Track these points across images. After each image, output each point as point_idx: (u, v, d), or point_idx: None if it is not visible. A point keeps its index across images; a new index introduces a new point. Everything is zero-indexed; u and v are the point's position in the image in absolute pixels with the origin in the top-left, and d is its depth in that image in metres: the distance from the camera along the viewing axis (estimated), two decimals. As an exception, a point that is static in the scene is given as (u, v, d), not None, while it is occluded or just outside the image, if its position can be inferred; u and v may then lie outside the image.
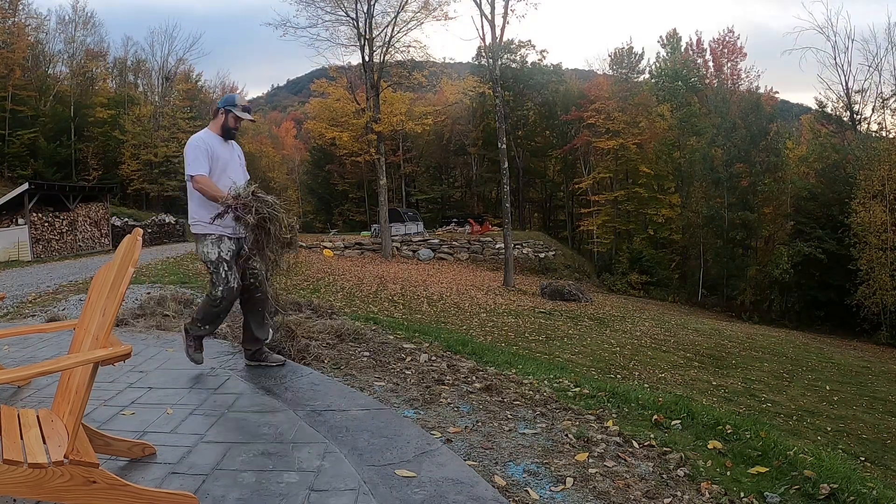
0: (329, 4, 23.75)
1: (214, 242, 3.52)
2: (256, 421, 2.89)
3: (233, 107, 3.63)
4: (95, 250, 21.08)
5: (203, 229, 3.52)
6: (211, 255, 3.51)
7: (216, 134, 3.64)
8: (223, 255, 3.51)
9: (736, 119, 31.25)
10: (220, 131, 3.64)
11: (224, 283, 3.49)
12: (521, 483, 2.39)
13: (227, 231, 3.52)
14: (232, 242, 3.56)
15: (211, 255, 3.51)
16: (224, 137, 3.66)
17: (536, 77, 40.88)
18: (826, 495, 2.53)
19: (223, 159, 3.59)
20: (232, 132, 3.67)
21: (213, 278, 3.54)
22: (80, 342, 2.13)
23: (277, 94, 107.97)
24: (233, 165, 3.67)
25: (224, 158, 3.60)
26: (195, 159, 3.46)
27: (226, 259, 3.52)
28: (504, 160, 20.78)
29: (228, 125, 3.64)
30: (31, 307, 7.27)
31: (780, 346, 16.21)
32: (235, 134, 3.73)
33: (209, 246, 3.52)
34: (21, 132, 34.21)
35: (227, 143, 3.68)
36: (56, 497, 1.77)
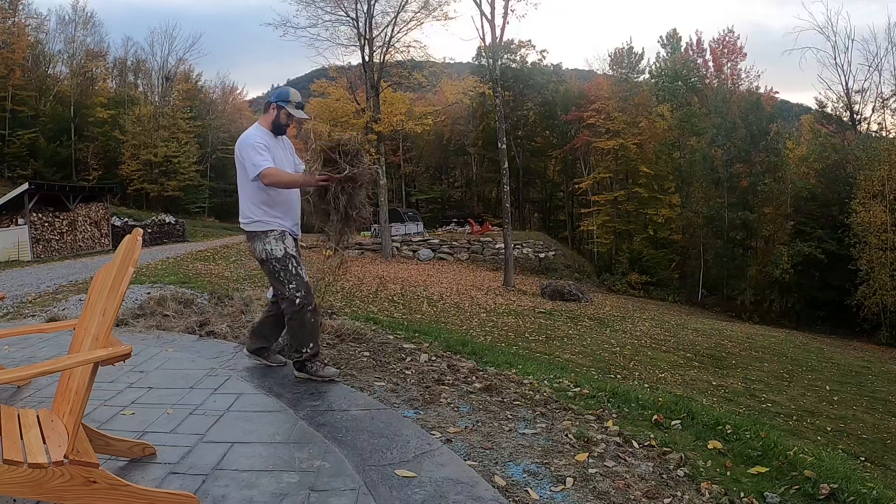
0: (329, 4, 23.75)
1: (278, 238, 3.36)
2: (256, 421, 2.89)
3: (286, 102, 3.44)
4: (95, 250, 21.09)
5: (263, 226, 3.37)
6: (276, 252, 3.34)
7: (266, 129, 3.47)
8: (289, 250, 3.36)
9: (736, 119, 31.25)
10: (270, 126, 3.47)
11: (297, 279, 3.34)
12: (521, 483, 2.39)
13: (288, 227, 3.42)
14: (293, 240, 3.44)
15: (276, 252, 3.34)
16: (274, 133, 3.49)
17: (536, 77, 40.90)
18: (826, 495, 2.53)
19: (276, 157, 3.41)
20: (283, 128, 3.51)
21: (281, 276, 3.36)
22: (80, 342, 2.13)
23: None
24: (286, 162, 3.51)
25: (277, 156, 3.43)
26: (257, 155, 3.28)
27: (293, 255, 3.37)
28: (504, 160, 20.78)
29: (280, 121, 3.47)
30: (31, 307, 7.27)
31: (780, 346, 16.21)
32: (286, 130, 3.55)
33: (272, 242, 3.35)
34: (21, 132, 34.24)
35: (278, 138, 3.51)
36: (56, 497, 1.77)
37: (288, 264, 3.33)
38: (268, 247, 3.35)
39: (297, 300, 3.30)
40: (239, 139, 3.44)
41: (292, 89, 3.52)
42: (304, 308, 3.31)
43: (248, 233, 3.45)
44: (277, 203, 3.40)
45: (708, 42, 39.61)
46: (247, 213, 3.43)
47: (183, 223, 28.60)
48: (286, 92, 3.48)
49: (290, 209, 3.47)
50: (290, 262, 3.34)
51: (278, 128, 3.48)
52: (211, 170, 43.60)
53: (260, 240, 3.38)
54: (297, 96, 3.49)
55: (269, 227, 3.36)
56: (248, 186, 3.39)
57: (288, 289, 3.31)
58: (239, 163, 3.39)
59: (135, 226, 20.73)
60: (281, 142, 3.52)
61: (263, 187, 3.32)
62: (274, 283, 3.46)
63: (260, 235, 3.38)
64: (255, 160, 3.27)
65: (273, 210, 3.38)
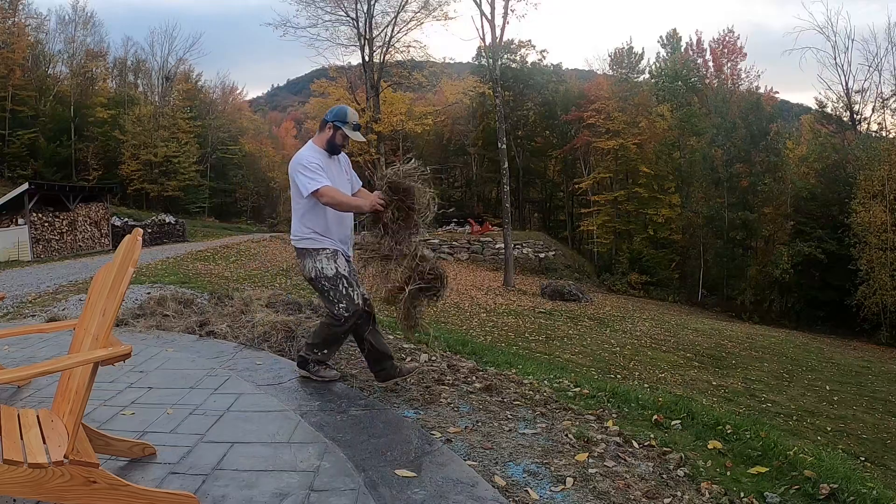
0: (329, 4, 23.82)
1: (330, 258, 3.30)
2: (256, 421, 2.89)
3: (343, 123, 3.37)
4: (95, 250, 21.09)
5: (314, 244, 3.32)
6: (328, 272, 3.28)
7: (321, 148, 3.40)
8: (341, 270, 3.29)
9: (736, 119, 31.24)
10: (324, 146, 3.40)
11: (347, 299, 3.25)
12: (521, 483, 2.39)
13: (340, 245, 3.37)
14: (345, 259, 3.38)
15: (328, 272, 3.28)
16: (329, 153, 3.41)
17: (536, 77, 40.87)
18: (826, 495, 2.53)
19: (330, 177, 3.34)
20: (338, 149, 3.43)
21: (331, 295, 3.29)
22: (80, 342, 2.13)
23: (277, 94, 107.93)
24: (340, 181, 3.44)
25: (332, 175, 3.36)
26: (313, 174, 3.22)
27: (344, 275, 3.29)
28: (504, 160, 20.79)
29: (335, 141, 3.40)
30: (31, 307, 7.27)
31: (780, 346, 16.21)
32: (341, 150, 3.48)
33: (324, 262, 3.29)
34: (21, 132, 34.22)
35: (332, 157, 3.44)
36: (56, 497, 1.78)
37: (339, 284, 3.28)
38: (318, 265, 3.30)
39: (342, 318, 3.27)
40: (293, 157, 3.39)
41: (350, 109, 3.48)
42: (344, 323, 3.29)
43: (299, 249, 3.40)
44: (330, 221, 3.35)
45: (708, 42, 39.63)
46: (297, 231, 3.38)
47: (183, 223, 28.59)
48: (343, 112, 3.42)
49: (343, 227, 3.42)
50: (340, 281, 3.28)
51: (333, 147, 3.42)
52: (211, 170, 43.59)
53: (311, 258, 3.34)
54: (355, 117, 3.43)
55: (320, 246, 3.32)
56: (301, 204, 3.34)
57: (337, 307, 3.28)
58: (292, 181, 3.35)
59: (135, 226, 20.74)
60: (335, 161, 3.47)
61: (316, 205, 3.28)
62: (323, 301, 3.42)
63: (311, 253, 3.34)
64: (311, 178, 3.23)
65: (325, 228, 3.33)
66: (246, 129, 51.00)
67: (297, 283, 14.07)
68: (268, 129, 59.01)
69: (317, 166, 3.26)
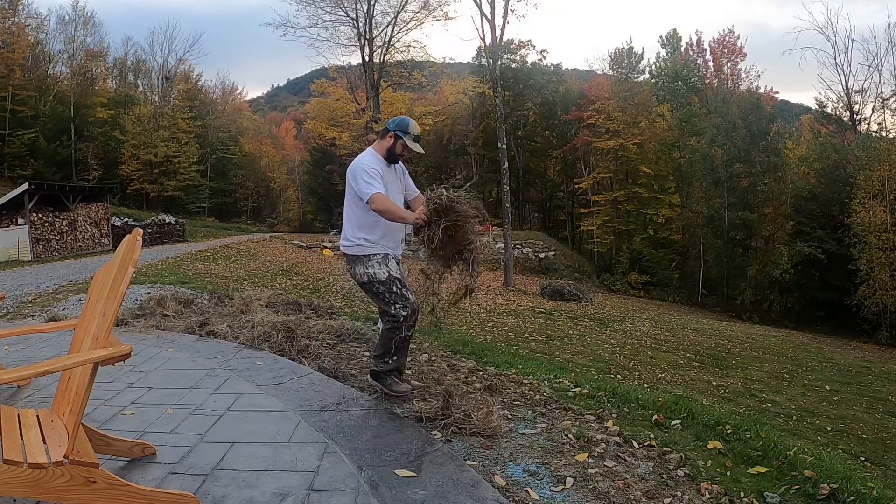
0: (329, 4, 23.79)
1: (381, 262, 3.30)
2: (256, 421, 2.89)
3: (404, 133, 3.36)
4: (95, 250, 21.09)
5: (365, 250, 3.31)
6: (380, 275, 3.27)
7: (380, 156, 3.39)
8: (393, 273, 3.29)
9: (736, 119, 31.25)
10: (384, 154, 3.39)
11: (402, 299, 3.24)
12: (521, 483, 2.39)
13: (391, 249, 3.37)
14: (395, 262, 3.38)
15: (380, 275, 3.27)
16: (388, 161, 3.40)
17: (536, 77, 40.88)
18: (826, 495, 2.53)
19: (388, 185, 3.34)
20: (397, 158, 3.42)
21: (386, 297, 3.28)
22: (81, 342, 2.13)
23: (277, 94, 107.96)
24: (395, 191, 3.43)
25: (388, 184, 3.35)
26: (371, 179, 3.22)
27: (397, 277, 3.29)
28: (504, 160, 20.79)
29: (395, 150, 3.38)
30: (31, 307, 7.27)
31: (780, 346, 16.21)
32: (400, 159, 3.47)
33: (376, 266, 3.29)
34: (21, 132, 34.22)
35: (390, 166, 3.42)
36: (56, 497, 1.77)
37: (392, 286, 3.27)
38: (370, 270, 3.29)
39: (400, 317, 3.24)
40: (353, 162, 3.38)
41: (412, 121, 3.47)
42: (403, 322, 3.25)
43: (349, 256, 3.38)
44: (381, 227, 3.33)
45: (708, 42, 39.65)
46: (349, 236, 3.37)
47: (183, 223, 28.59)
48: (406, 122, 3.41)
49: (394, 232, 3.41)
50: (394, 284, 3.28)
51: (392, 156, 3.40)
52: (211, 170, 43.61)
53: (362, 263, 3.32)
54: (417, 129, 3.44)
55: (371, 251, 3.31)
56: (355, 210, 3.35)
57: (394, 308, 3.25)
58: (349, 186, 3.34)
59: (135, 226, 20.74)
60: (393, 169, 3.46)
61: (370, 211, 3.26)
62: (379, 304, 3.39)
63: (361, 259, 3.32)
64: (367, 183, 3.22)
65: (376, 234, 3.32)
66: (246, 129, 51.00)
67: (297, 284, 14.07)
68: (268, 129, 59.01)
69: (376, 172, 3.26)
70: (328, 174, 45.95)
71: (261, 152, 50.45)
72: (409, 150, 3.40)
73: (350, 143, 27.36)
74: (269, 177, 51.06)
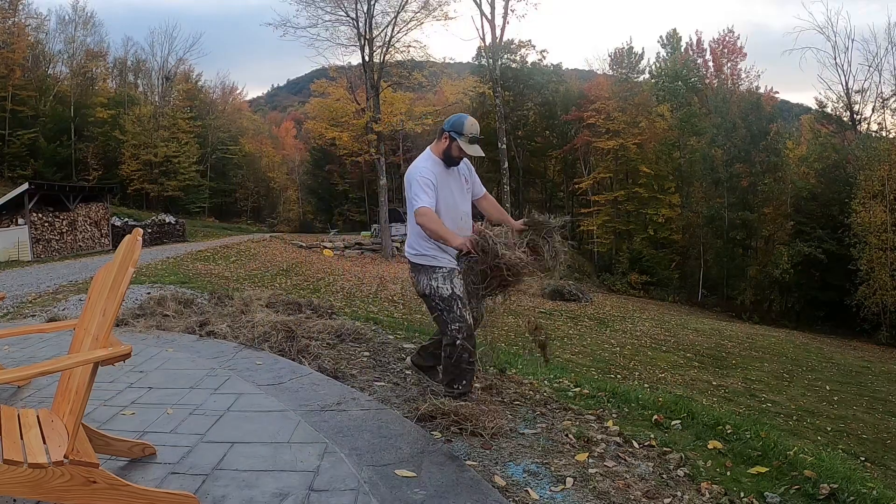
0: (329, 4, 23.77)
1: (446, 277, 3.12)
2: (256, 421, 2.89)
3: (459, 135, 3.12)
4: (95, 250, 21.08)
5: (431, 261, 3.14)
6: (443, 291, 3.10)
7: (438, 158, 3.19)
8: (457, 290, 3.10)
9: (736, 119, 31.26)
10: (441, 156, 3.19)
11: (461, 320, 3.07)
12: (521, 483, 2.39)
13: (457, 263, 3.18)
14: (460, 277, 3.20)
15: (443, 291, 3.10)
16: (446, 163, 3.19)
17: (536, 77, 40.88)
18: (826, 495, 2.53)
19: (446, 189, 3.16)
20: (454, 160, 3.19)
21: (444, 316, 3.12)
22: (81, 342, 2.13)
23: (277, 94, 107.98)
24: (457, 193, 3.24)
25: (446, 189, 3.17)
26: (420, 190, 3.06)
27: (459, 295, 3.11)
28: (504, 160, 20.82)
29: (451, 153, 3.16)
30: (31, 307, 7.28)
31: (780, 346, 16.21)
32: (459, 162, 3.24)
33: (440, 280, 3.12)
34: (21, 132, 34.22)
35: (450, 168, 3.21)
36: (56, 497, 1.77)
37: (453, 305, 3.10)
38: (434, 283, 3.13)
39: (456, 341, 3.07)
40: (409, 168, 3.23)
41: (468, 119, 3.20)
42: (462, 349, 3.10)
43: (414, 264, 3.23)
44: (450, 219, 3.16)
45: (708, 42, 39.67)
46: (414, 245, 3.21)
47: (183, 223, 28.59)
48: (461, 122, 3.16)
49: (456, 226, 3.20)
50: (455, 302, 3.10)
51: (449, 159, 3.19)
52: (211, 170, 43.62)
53: (426, 274, 3.17)
54: (474, 128, 3.16)
55: (437, 264, 3.14)
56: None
57: (450, 329, 3.10)
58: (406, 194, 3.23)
59: (135, 226, 20.73)
60: (453, 172, 3.24)
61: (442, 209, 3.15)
62: (436, 320, 3.27)
63: (427, 270, 3.16)
64: (416, 194, 3.08)
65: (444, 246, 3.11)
66: (246, 129, 51.01)
67: (297, 284, 14.08)
68: (268, 129, 59.02)
69: (428, 181, 3.08)
70: (328, 174, 46.04)
71: (261, 152, 50.46)
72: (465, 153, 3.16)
73: (350, 143, 27.35)
74: (269, 177, 51.07)
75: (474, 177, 3.39)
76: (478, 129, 3.18)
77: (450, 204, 3.20)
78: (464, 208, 3.29)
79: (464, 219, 3.25)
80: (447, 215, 3.16)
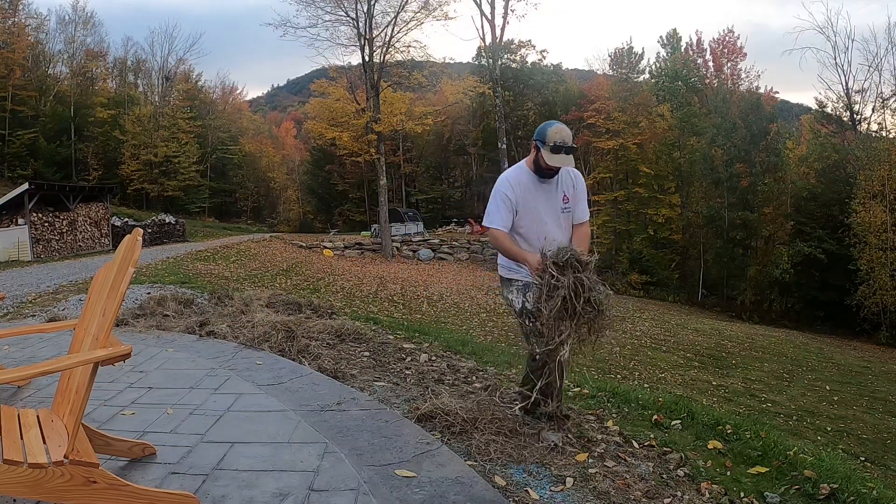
0: (329, 4, 23.78)
1: (520, 290, 2.95)
2: (256, 421, 2.89)
3: (542, 144, 2.76)
4: (95, 250, 21.08)
5: (508, 273, 3.00)
6: (516, 304, 2.98)
7: (529, 169, 2.91)
8: (528, 305, 2.91)
9: (736, 119, 31.25)
10: (532, 167, 2.90)
11: (536, 335, 2.82)
12: (521, 483, 2.39)
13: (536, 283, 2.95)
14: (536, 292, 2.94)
15: (516, 304, 2.98)
16: (538, 175, 2.87)
17: (536, 77, 40.89)
18: (826, 495, 2.53)
19: (531, 204, 2.88)
20: (545, 173, 2.85)
21: (523, 329, 2.98)
22: (80, 342, 2.13)
23: (277, 94, 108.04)
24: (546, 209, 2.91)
25: (533, 202, 2.88)
26: (494, 206, 2.87)
27: (531, 311, 2.91)
28: (504, 160, 20.82)
29: (539, 164, 2.83)
30: (31, 307, 7.28)
31: (780, 346, 16.21)
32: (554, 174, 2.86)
33: (514, 294, 2.98)
34: (21, 132, 34.22)
35: (543, 181, 2.88)
36: (56, 497, 1.77)
37: (525, 320, 2.94)
38: (510, 296, 3.03)
39: (536, 356, 2.89)
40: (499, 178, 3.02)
41: (553, 126, 2.79)
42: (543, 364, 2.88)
43: (500, 276, 3.11)
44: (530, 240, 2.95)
45: (708, 42, 39.69)
46: (500, 257, 3.05)
47: (183, 223, 28.57)
48: (543, 130, 2.79)
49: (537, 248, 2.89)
50: (527, 318, 2.91)
51: (540, 170, 2.87)
52: (211, 170, 43.61)
53: (505, 286, 3.07)
54: (557, 135, 2.74)
55: (513, 276, 2.99)
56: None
57: (529, 341, 2.95)
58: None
59: (135, 226, 20.74)
60: (549, 186, 2.90)
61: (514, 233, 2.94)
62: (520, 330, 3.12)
63: (506, 283, 3.06)
64: (490, 211, 2.90)
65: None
66: (246, 129, 51.00)
67: (297, 284, 14.08)
68: (268, 129, 59.03)
69: (504, 196, 2.87)
70: (328, 174, 45.98)
71: (261, 152, 50.44)
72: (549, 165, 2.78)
73: (350, 143, 27.34)
74: (269, 177, 51.05)
75: (579, 197, 2.96)
76: (563, 137, 2.75)
77: (534, 219, 2.90)
78: (552, 229, 2.90)
79: (548, 240, 2.81)
80: (531, 233, 2.90)
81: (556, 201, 2.93)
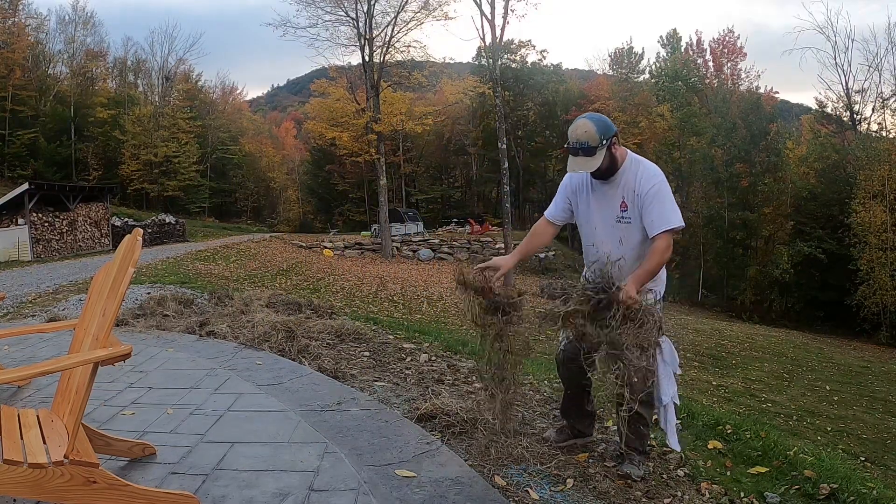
0: (329, 4, 23.78)
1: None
2: (257, 421, 2.89)
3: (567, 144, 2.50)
4: (95, 250, 21.08)
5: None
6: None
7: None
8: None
9: (736, 119, 31.25)
10: None
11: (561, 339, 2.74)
12: (521, 483, 2.39)
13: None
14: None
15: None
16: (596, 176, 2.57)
17: (536, 77, 40.92)
18: (826, 495, 2.53)
19: (584, 203, 2.66)
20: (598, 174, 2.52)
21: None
22: (81, 342, 2.13)
23: (277, 94, 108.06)
24: (597, 213, 2.61)
25: (586, 202, 2.66)
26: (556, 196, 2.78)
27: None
28: (504, 160, 20.77)
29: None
30: (31, 307, 7.28)
31: (780, 346, 16.20)
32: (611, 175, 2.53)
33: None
34: (21, 132, 34.20)
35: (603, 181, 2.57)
36: (56, 497, 1.77)
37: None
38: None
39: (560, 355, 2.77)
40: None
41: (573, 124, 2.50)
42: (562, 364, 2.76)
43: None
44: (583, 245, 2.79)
45: (708, 42, 39.69)
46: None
47: (183, 223, 28.57)
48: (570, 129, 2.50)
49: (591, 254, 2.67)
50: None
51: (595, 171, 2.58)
52: (211, 170, 43.60)
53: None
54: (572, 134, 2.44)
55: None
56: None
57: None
58: None
59: (135, 226, 20.73)
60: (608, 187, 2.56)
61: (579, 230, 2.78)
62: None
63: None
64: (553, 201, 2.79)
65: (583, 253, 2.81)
66: (246, 129, 50.99)
67: (297, 284, 14.07)
68: (268, 129, 59.01)
69: (563, 185, 2.74)
70: (328, 174, 45.98)
71: (261, 152, 50.44)
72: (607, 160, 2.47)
73: (350, 143, 27.34)
74: (269, 177, 51.05)
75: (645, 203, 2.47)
76: (577, 136, 2.42)
77: (585, 222, 2.70)
78: (601, 234, 2.61)
79: (596, 245, 2.59)
80: (583, 237, 2.74)
81: (611, 207, 2.56)
